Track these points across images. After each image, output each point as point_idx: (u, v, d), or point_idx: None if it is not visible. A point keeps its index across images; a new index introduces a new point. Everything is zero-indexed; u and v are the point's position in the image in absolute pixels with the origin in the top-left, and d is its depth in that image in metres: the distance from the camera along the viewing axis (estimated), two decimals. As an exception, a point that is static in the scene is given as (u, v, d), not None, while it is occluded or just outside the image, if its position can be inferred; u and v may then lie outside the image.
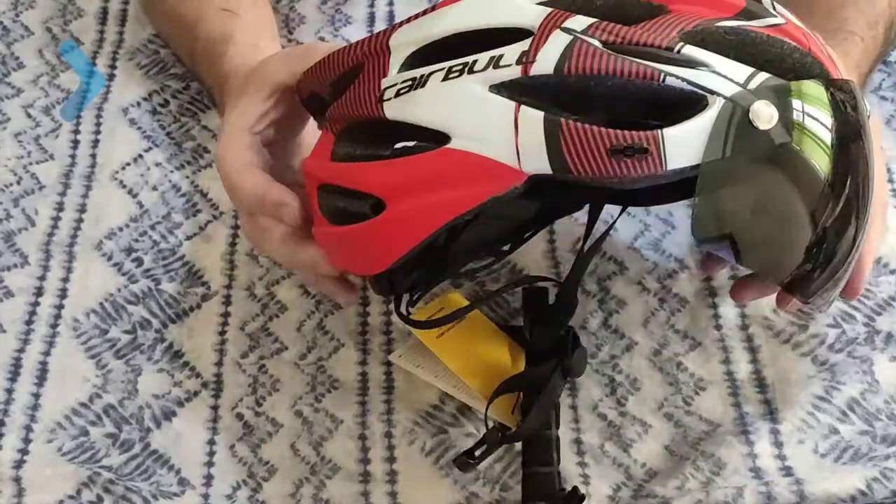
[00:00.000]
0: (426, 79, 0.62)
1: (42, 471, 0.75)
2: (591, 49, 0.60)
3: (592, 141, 0.59)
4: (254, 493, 0.75)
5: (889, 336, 0.79)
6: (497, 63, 0.61)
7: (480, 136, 0.61)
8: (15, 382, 0.80)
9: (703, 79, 0.59)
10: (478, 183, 0.61)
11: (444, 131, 0.62)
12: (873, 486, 0.71)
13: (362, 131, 0.66)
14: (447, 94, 0.62)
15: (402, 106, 0.63)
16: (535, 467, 0.72)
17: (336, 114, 0.67)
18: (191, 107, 0.96)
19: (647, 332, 0.81)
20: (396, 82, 0.63)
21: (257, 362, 0.81)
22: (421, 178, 0.63)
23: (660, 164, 0.59)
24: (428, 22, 0.64)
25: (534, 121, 0.60)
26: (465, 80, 0.61)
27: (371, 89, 0.64)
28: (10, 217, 0.89)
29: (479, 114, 0.61)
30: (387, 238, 0.65)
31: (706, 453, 0.74)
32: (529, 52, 0.60)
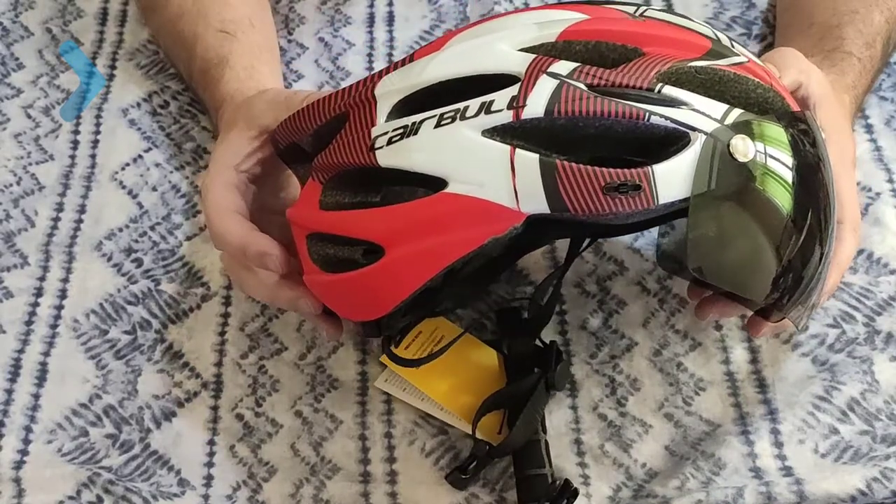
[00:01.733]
0: (418, 126, 0.64)
1: (42, 471, 0.75)
2: (578, 92, 0.62)
3: (587, 180, 0.62)
4: (254, 493, 0.75)
5: (889, 336, 0.79)
6: (489, 108, 0.63)
7: (478, 180, 0.63)
8: (15, 383, 0.80)
9: (684, 116, 0.63)
10: (477, 225, 0.63)
11: (440, 176, 0.64)
12: (873, 486, 0.71)
13: (352, 179, 0.68)
14: (441, 140, 0.64)
15: (396, 153, 0.64)
16: (528, 470, 0.72)
17: (323, 163, 0.68)
18: (190, 108, 0.96)
19: (648, 333, 0.81)
20: (387, 130, 0.65)
21: (257, 363, 0.81)
22: (420, 222, 0.64)
23: (651, 199, 0.62)
24: (412, 71, 0.66)
25: (529, 163, 0.62)
26: (457, 126, 0.63)
27: (360, 138, 0.66)
28: (10, 218, 0.89)
29: (475, 158, 0.63)
30: (386, 283, 0.67)
31: (706, 453, 0.74)
32: (519, 97, 0.63)
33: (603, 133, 0.62)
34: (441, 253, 0.65)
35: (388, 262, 0.66)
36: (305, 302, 0.73)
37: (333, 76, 0.97)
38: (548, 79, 0.63)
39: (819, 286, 0.68)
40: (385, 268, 0.66)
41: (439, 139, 0.64)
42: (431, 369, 0.75)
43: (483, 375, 0.78)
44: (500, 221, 0.63)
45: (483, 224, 0.63)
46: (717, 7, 1.00)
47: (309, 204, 0.69)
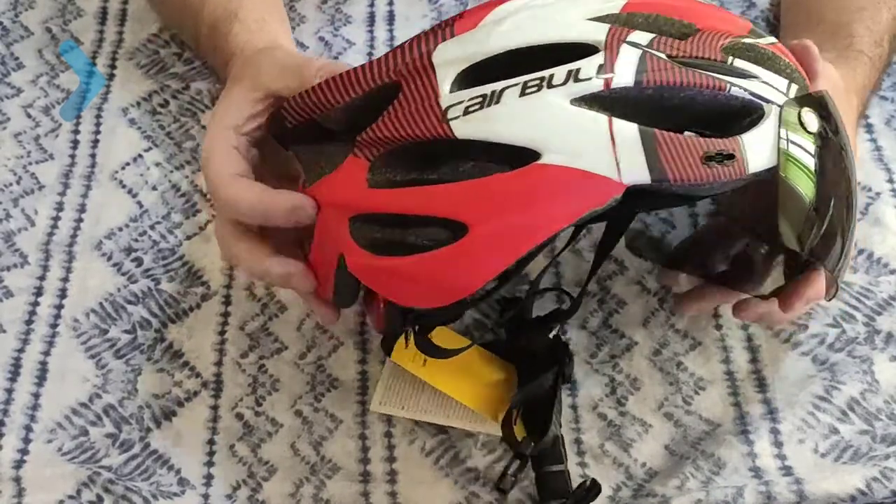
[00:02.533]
0: (500, 95, 0.60)
1: (42, 471, 0.75)
2: (662, 62, 0.61)
3: (687, 149, 0.60)
4: (254, 492, 0.75)
5: (889, 336, 0.79)
6: (576, 77, 0.60)
7: (575, 150, 0.60)
8: (15, 382, 0.80)
9: (758, 88, 0.63)
10: (576, 197, 0.60)
11: (531, 147, 0.60)
12: (873, 486, 0.71)
13: (407, 155, 0.63)
14: (530, 109, 0.60)
15: (477, 123, 0.60)
16: (548, 466, 0.72)
17: (374, 137, 0.63)
18: (190, 107, 0.96)
19: (648, 332, 0.81)
20: (462, 100, 0.61)
21: (257, 362, 0.81)
22: (511, 196, 0.60)
23: (743, 168, 0.61)
24: (474, 39, 0.63)
25: (629, 132, 0.60)
26: (545, 94, 0.60)
27: (426, 109, 0.61)
28: (10, 217, 0.89)
29: (571, 127, 0.60)
30: (469, 264, 0.62)
31: (706, 453, 0.74)
32: (606, 66, 0.60)
33: (686, 104, 0.61)
34: (535, 228, 0.61)
35: (473, 239, 0.61)
36: (299, 279, 0.69)
37: (333, 75, 0.97)
38: (630, 48, 0.61)
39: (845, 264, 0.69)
40: (469, 246, 0.61)
41: (528, 108, 0.60)
42: (445, 370, 0.74)
43: (490, 373, 0.77)
44: (600, 193, 0.60)
45: (582, 196, 0.60)
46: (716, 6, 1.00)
47: (352, 183, 0.64)
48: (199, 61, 0.98)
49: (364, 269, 0.65)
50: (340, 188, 0.65)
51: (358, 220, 0.64)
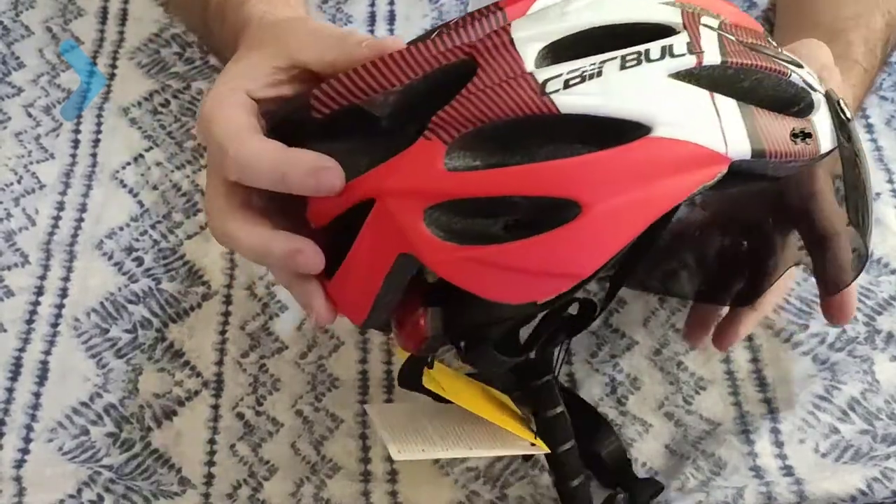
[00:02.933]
0: (600, 68, 0.57)
1: (42, 470, 0.75)
2: (736, 44, 0.61)
3: (779, 126, 0.60)
4: (254, 492, 0.75)
5: (889, 335, 0.79)
6: (671, 52, 0.58)
7: (684, 123, 0.57)
8: (15, 382, 0.80)
9: (807, 77, 0.63)
10: (689, 171, 0.57)
11: (640, 121, 0.57)
12: (874, 486, 0.71)
13: (497, 135, 0.57)
14: (634, 82, 0.57)
15: (581, 98, 0.56)
16: (571, 480, 0.70)
17: (454, 118, 0.57)
18: (191, 106, 0.96)
19: (648, 332, 0.81)
20: (560, 73, 0.57)
21: (258, 361, 0.81)
22: (627, 172, 0.56)
23: (817, 148, 0.61)
24: (548, 18, 0.60)
25: (731, 107, 0.59)
26: (645, 68, 0.58)
27: (519, 83, 0.57)
28: (11, 216, 0.89)
29: (678, 101, 0.58)
30: (586, 245, 0.57)
31: (706, 452, 0.74)
32: (693, 44, 0.59)
33: (755, 86, 0.60)
34: (652, 204, 0.57)
35: (591, 218, 0.56)
36: (307, 256, 0.60)
37: (334, 75, 0.97)
38: (706, 30, 0.60)
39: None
40: (586, 226, 0.56)
41: (632, 81, 0.57)
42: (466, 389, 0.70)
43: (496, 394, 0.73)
44: (710, 167, 0.57)
45: (694, 170, 0.57)
46: (717, 6, 1.00)
47: (425, 170, 0.57)
48: (200, 60, 0.98)
49: (451, 263, 0.58)
50: (409, 176, 0.58)
51: (437, 209, 0.57)
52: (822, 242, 0.70)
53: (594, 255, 0.57)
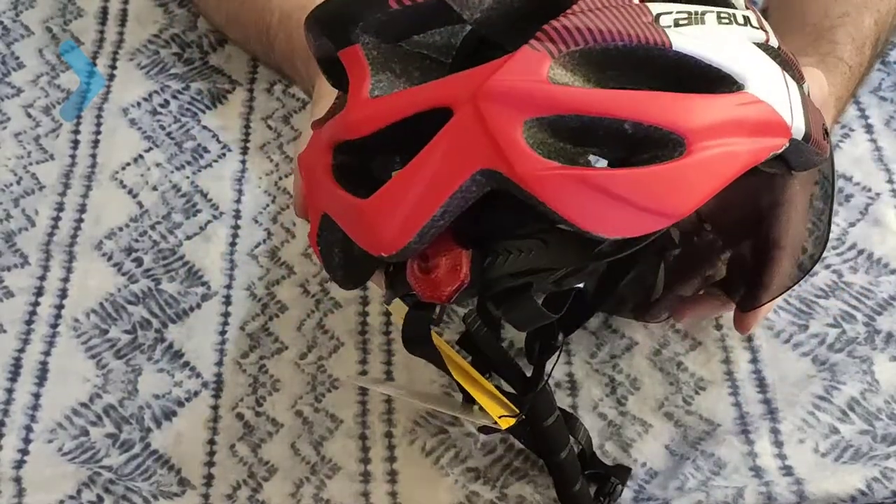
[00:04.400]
0: (702, 16, 0.56)
1: (42, 471, 0.75)
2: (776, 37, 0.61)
3: (819, 117, 0.61)
4: (254, 492, 0.75)
5: (889, 336, 0.79)
6: (749, 22, 0.59)
7: (767, 89, 0.57)
8: (15, 382, 0.80)
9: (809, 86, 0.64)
10: (768, 134, 0.57)
11: (736, 76, 0.56)
12: (873, 486, 0.71)
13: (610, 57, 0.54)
14: (731, 39, 0.57)
15: (692, 39, 0.55)
16: (574, 486, 0.71)
17: (569, 28, 0.53)
18: (191, 107, 0.96)
19: (648, 332, 0.81)
20: (671, 10, 0.55)
21: (257, 362, 0.81)
22: (727, 119, 0.55)
23: (828, 149, 0.63)
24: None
25: (794, 84, 0.59)
26: (734, 29, 0.58)
27: (635, 9, 0.55)
28: (10, 217, 0.89)
29: (761, 66, 0.58)
30: (689, 184, 0.55)
31: (706, 453, 0.74)
32: (760, 22, 0.60)
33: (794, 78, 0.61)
34: (739, 158, 0.56)
35: (695, 157, 0.54)
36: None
37: (334, 76, 0.97)
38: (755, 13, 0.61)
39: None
40: (690, 164, 0.54)
41: (729, 37, 0.57)
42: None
43: None
44: (779, 136, 0.57)
45: (773, 134, 0.57)
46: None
47: (531, 77, 0.53)
48: (199, 61, 0.98)
49: (550, 181, 0.53)
50: (511, 82, 0.53)
51: (538, 122, 0.53)
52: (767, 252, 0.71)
53: (694, 196, 0.54)
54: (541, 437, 0.70)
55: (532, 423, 0.69)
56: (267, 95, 0.97)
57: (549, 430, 0.69)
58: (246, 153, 0.93)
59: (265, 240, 0.87)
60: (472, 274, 0.56)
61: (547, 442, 0.70)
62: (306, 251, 0.86)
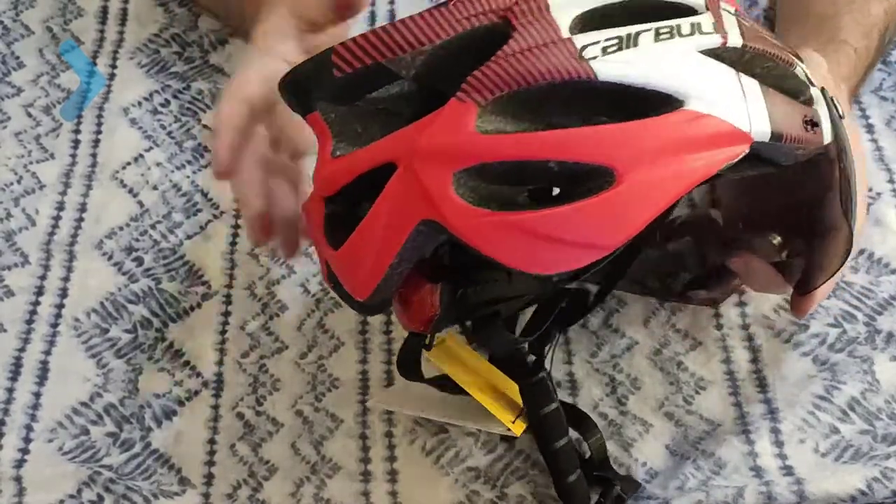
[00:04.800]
0: (635, 38, 0.57)
1: (42, 470, 0.75)
2: (752, 29, 0.61)
3: (794, 111, 0.61)
4: (254, 492, 0.75)
5: (890, 336, 0.79)
6: (700, 29, 0.58)
7: (715, 100, 0.57)
8: (15, 382, 0.80)
9: (807, 71, 0.64)
10: (717, 146, 0.57)
11: (676, 94, 0.56)
12: (874, 486, 0.71)
13: (532, 99, 0.56)
14: (668, 54, 0.57)
15: (619, 66, 0.56)
16: (569, 476, 0.71)
17: (489, 79, 0.56)
18: (191, 106, 0.96)
19: (648, 332, 0.81)
20: (598, 40, 0.56)
21: (258, 361, 0.81)
22: (662, 143, 0.56)
23: (821, 138, 0.62)
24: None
25: (754, 87, 0.59)
26: (678, 42, 0.57)
27: (558, 47, 0.56)
28: (11, 216, 0.89)
29: (708, 76, 0.58)
30: (620, 216, 0.56)
31: (706, 452, 0.74)
32: (718, 25, 0.59)
33: (768, 72, 0.61)
34: (683, 177, 0.56)
35: (627, 188, 0.55)
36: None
37: (334, 75, 0.97)
38: (726, 14, 0.61)
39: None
40: (621, 196, 0.55)
41: (666, 54, 0.57)
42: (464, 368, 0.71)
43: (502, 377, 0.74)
44: (734, 145, 0.57)
45: (722, 146, 0.57)
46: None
47: (457, 131, 0.56)
48: (199, 60, 0.98)
49: (480, 228, 0.56)
50: (439, 138, 0.56)
51: (467, 172, 0.56)
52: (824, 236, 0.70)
53: (626, 225, 0.56)
54: (538, 425, 0.70)
55: (529, 411, 0.70)
56: (267, 95, 0.97)
57: (546, 418, 0.70)
58: (246, 153, 0.93)
59: (265, 239, 0.87)
60: (443, 305, 0.60)
61: (543, 430, 0.71)
62: (306, 251, 0.86)
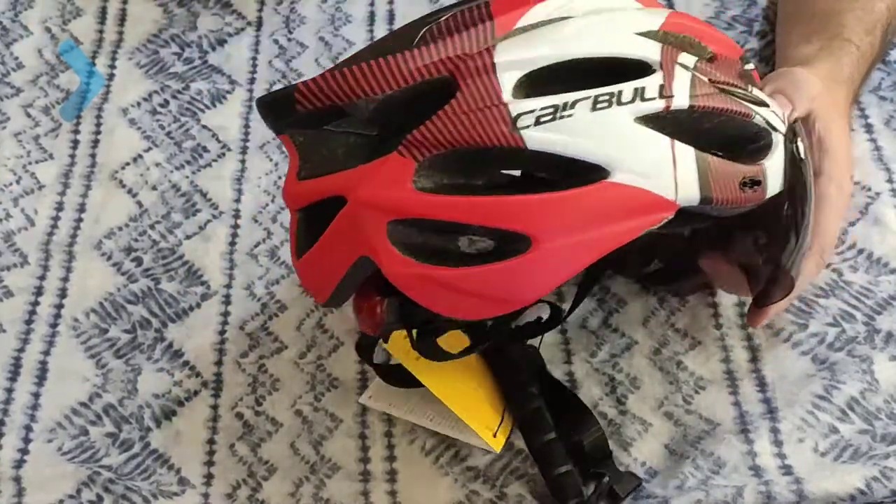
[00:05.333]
0: (572, 107, 0.60)
1: (42, 470, 0.75)
2: (706, 86, 0.64)
3: (730, 174, 0.64)
4: (254, 492, 0.75)
5: (889, 335, 0.79)
6: (643, 95, 0.61)
7: (642, 171, 0.61)
8: (15, 382, 0.80)
9: (770, 117, 0.66)
10: (638, 216, 0.61)
11: (602, 165, 0.60)
12: (873, 486, 0.71)
13: (467, 159, 0.61)
14: (600, 125, 0.60)
15: (550, 136, 0.60)
16: (557, 469, 0.72)
17: (427, 138, 0.60)
18: (190, 107, 0.96)
19: (647, 331, 0.81)
20: (533, 108, 0.60)
21: (257, 361, 0.81)
22: (580, 213, 0.60)
23: (764, 193, 0.65)
24: (534, 42, 0.62)
25: (688, 155, 0.62)
26: (615, 111, 0.61)
27: (493, 115, 0.60)
28: (10, 217, 0.89)
29: (639, 148, 0.61)
30: (530, 278, 0.61)
31: (706, 452, 0.74)
32: (666, 87, 0.62)
33: (718, 127, 0.63)
34: (599, 245, 0.61)
35: (540, 255, 0.60)
36: None
37: (333, 75, 0.97)
38: (681, 70, 0.63)
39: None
40: (535, 262, 0.60)
41: (599, 124, 0.60)
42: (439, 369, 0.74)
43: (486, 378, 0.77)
44: (658, 213, 0.61)
45: (644, 215, 0.61)
46: (718, 6, 1.00)
47: (395, 184, 0.61)
48: (199, 60, 0.98)
49: (406, 277, 0.62)
50: (378, 189, 0.61)
51: (400, 224, 0.61)
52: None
53: (538, 286, 0.62)
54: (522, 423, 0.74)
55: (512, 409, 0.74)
56: (266, 95, 0.97)
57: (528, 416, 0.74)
58: (245, 153, 0.93)
59: (265, 239, 0.88)
60: (389, 315, 0.66)
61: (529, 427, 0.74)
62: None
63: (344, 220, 0.63)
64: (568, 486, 0.72)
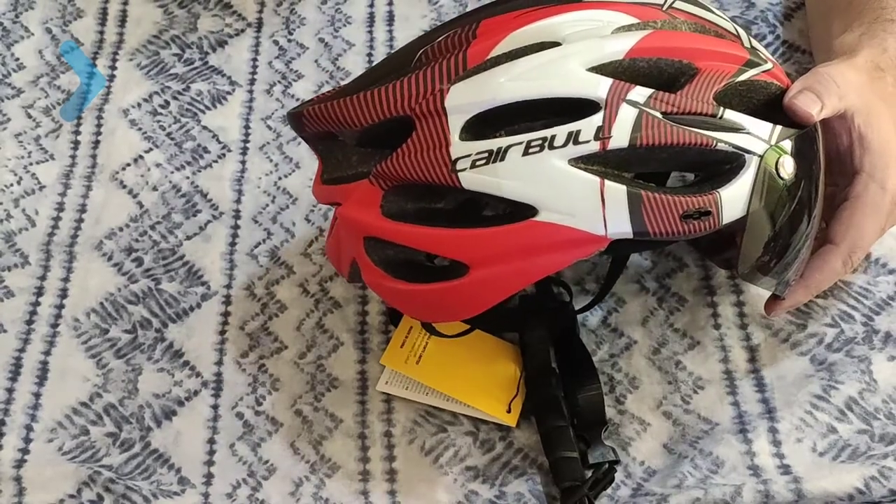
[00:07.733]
0: (504, 153, 0.66)
1: (42, 470, 0.75)
2: (655, 121, 0.66)
3: (668, 208, 0.67)
4: (254, 491, 0.75)
5: (887, 335, 0.79)
6: (576, 139, 0.66)
7: (569, 210, 0.67)
8: (15, 382, 0.80)
9: (742, 140, 0.68)
10: (566, 250, 0.68)
11: (531, 204, 0.67)
12: (871, 485, 0.71)
13: (421, 190, 0.69)
14: (531, 169, 0.66)
15: (483, 178, 0.67)
16: (561, 452, 0.73)
17: (389, 172, 0.69)
18: (191, 107, 0.96)
19: (646, 331, 0.81)
20: (470, 153, 0.67)
21: (257, 361, 0.81)
22: (509, 247, 0.68)
23: (717, 221, 0.68)
24: (482, 83, 0.67)
25: (618, 194, 0.66)
26: (546, 155, 0.66)
27: (437, 156, 0.68)
28: (11, 217, 0.89)
29: (566, 189, 0.66)
30: (467, 298, 0.70)
31: (704, 451, 0.75)
32: (604, 128, 0.66)
33: (674, 157, 0.67)
34: (528, 273, 0.69)
35: (474, 280, 0.69)
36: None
37: (333, 76, 0.98)
38: (628, 107, 0.66)
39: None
40: (469, 285, 0.69)
41: (529, 168, 0.66)
42: (442, 367, 0.78)
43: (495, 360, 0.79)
44: (588, 246, 0.68)
45: (572, 249, 0.68)
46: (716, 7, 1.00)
47: (367, 207, 0.71)
48: (199, 61, 0.98)
49: (377, 286, 0.74)
50: (356, 209, 0.72)
51: (372, 240, 0.71)
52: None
53: (473, 306, 0.71)
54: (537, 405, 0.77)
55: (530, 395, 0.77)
56: (266, 96, 0.97)
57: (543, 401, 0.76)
58: (246, 153, 0.93)
59: (265, 240, 0.88)
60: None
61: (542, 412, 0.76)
62: (306, 251, 0.87)
63: (341, 227, 0.74)
64: (568, 469, 0.73)
